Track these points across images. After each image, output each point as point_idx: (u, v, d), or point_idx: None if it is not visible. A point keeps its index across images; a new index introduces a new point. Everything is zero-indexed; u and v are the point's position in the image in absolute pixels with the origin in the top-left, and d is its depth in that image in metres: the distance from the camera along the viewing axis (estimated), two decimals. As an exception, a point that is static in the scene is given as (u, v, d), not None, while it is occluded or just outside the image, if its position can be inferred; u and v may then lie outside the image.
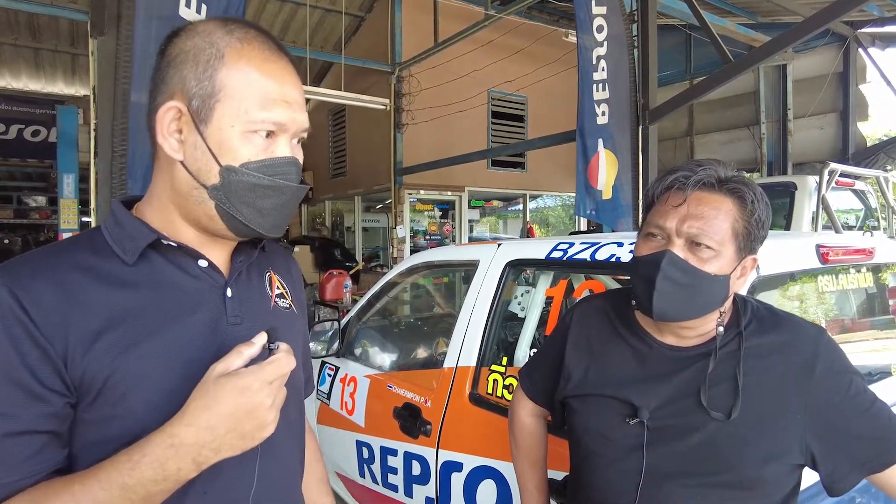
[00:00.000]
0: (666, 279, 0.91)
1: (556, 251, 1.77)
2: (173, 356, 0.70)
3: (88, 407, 0.67)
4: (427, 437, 1.91)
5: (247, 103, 0.70)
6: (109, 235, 0.73)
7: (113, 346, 0.67)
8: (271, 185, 0.72)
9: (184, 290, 0.74)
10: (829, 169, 4.59)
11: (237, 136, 0.70)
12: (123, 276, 0.70)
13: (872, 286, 1.95)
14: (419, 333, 3.20)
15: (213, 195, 0.71)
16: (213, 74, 0.70)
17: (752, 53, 4.27)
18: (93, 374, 0.65)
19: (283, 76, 0.73)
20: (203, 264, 0.76)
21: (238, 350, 0.67)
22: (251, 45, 0.72)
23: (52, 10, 6.02)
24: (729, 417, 0.91)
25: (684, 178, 0.93)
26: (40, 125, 7.91)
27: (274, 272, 0.89)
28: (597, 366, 1.06)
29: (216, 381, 0.65)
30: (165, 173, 0.74)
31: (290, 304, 0.89)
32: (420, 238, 8.70)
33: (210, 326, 0.74)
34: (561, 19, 9.13)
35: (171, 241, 0.73)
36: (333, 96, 6.44)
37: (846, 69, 7.17)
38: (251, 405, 0.65)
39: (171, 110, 0.71)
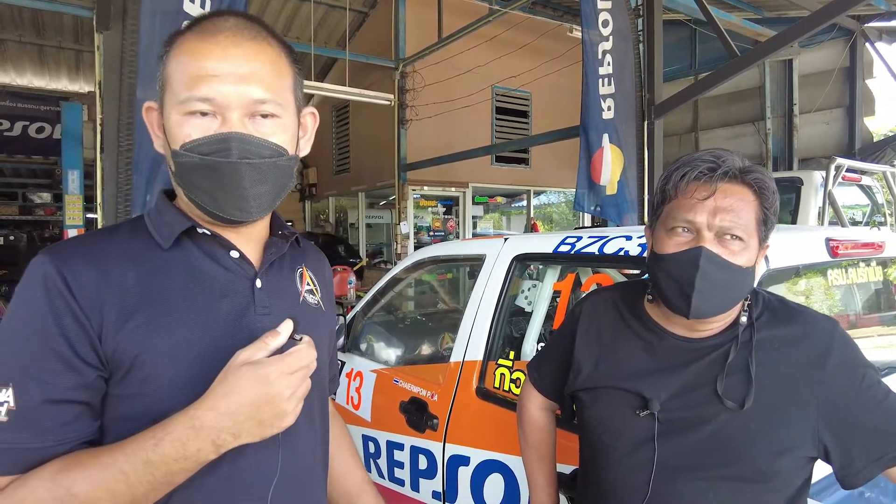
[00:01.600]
0: (706, 278, 0.88)
1: (563, 245, 1.76)
2: (200, 341, 0.72)
3: (119, 382, 0.70)
4: (434, 431, 1.91)
5: (177, 86, 0.71)
6: (151, 222, 0.77)
7: (143, 326, 0.70)
8: (204, 163, 0.70)
9: (215, 278, 0.76)
10: (836, 164, 4.57)
11: (175, 120, 0.71)
12: (158, 261, 0.74)
13: (881, 280, 1.95)
14: (425, 328, 3.20)
15: (176, 181, 0.75)
16: (164, 68, 0.74)
17: (758, 48, 4.24)
18: (123, 351, 0.68)
19: (212, 51, 0.70)
20: (235, 255, 0.78)
21: (264, 340, 0.69)
22: (193, 31, 0.73)
23: (56, 7, 6.02)
24: (742, 407, 0.91)
25: (709, 169, 0.91)
26: (45, 122, 7.92)
27: (306, 268, 0.90)
28: (607, 358, 1.06)
29: (238, 370, 0.67)
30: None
31: (319, 302, 0.90)
32: (424, 234, 8.69)
33: (238, 315, 0.76)
34: (565, 14, 9.10)
35: (205, 230, 0.76)
36: (338, 92, 6.43)
37: (853, 64, 7.13)
38: (270, 394, 0.66)
39: (150, 110, 0.76)
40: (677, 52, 8.19)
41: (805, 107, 7.43)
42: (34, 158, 8.40)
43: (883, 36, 7.20)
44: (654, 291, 1.01)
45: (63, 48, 8.86)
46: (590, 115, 4.09)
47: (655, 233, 0.98)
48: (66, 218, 5.29)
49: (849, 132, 7.18)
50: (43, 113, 7.81)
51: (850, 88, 7.17)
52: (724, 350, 0.95)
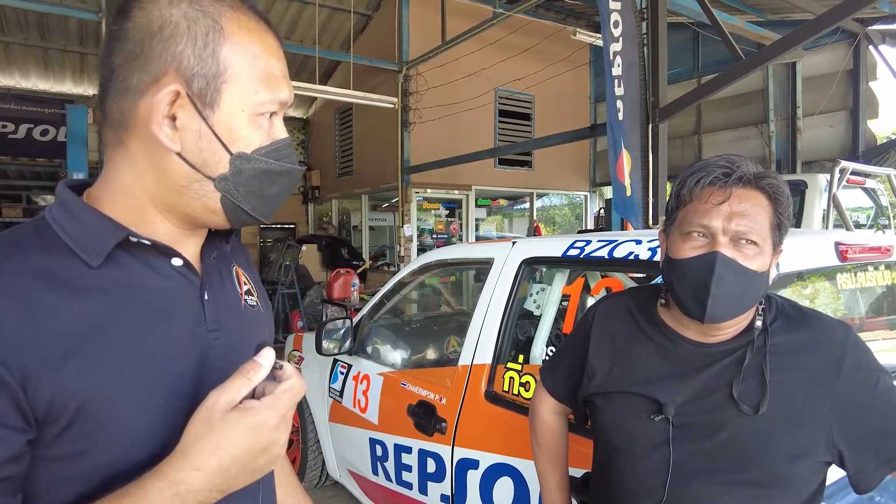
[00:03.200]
0: (721, 283, 0.89)
1: (572, 249, 1.77)
2: (155, 371, 0.61)
3: (57, 440, 0.56)
4: (442, 434, 1.91)
5: (255, 83, 0.63)
6: (63, 231, 0.61)
7: (86, 365, 0.57)
8: (281, 169, 0.66)
9: (158, 294, 0.64)
10: (840, 167, 4.56)
11: (247, 121, 0.63)
12: (89, 282, 0.59)
13: (889, 284, 1.95)
14: (433, 331, 3.21)
15: (220, 186, 0.64)
16: (217, 50, 0.61)
17: (762, 51, 4.24)
18: (63, 400, 0.55)
19: (278, 49, 0.67)
20: (177, 263, 0.66)
21: (246, 376, 0.58)
22: (245, 13, 0.64)
23: (61, 10, 6.06)
24: (757, 412, 0.91)
25: (724, 175, 0.91)
26: (49, 124, 7.93)
27: (238, 265, 0.81)
28: (621, 363, 1.06)
29: (225, 418, 0.56)
30: (144, 165, 0.63)
31: (257, 302, 0.81)
32: (427, 237, 8.70)
33: (189, 334, 0.66)
34: (568, 17, 9.12)
35: (142, 239, 0.63)
36: (342, 95, 6.44)
37: (856, 66, 7.12)
38: (267, 442, 0.58)
39: (170, 94, 0.60)
40: (680, 55, 8.18)
41: (808, 109, 7.42)
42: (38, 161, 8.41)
43: (886, 39, 7.19)
44: (669, 296, 1.01)
45: (68, 51, 8.89)
46: (611, 116, 4.10)
47: (670, 237, 0.99)
48: (71, 220, 5.30)
49: (852, 135, 7.17)
50: (47, 115, 7.82)
51: (854, 91, 7.16)
52: (738, 355, 0.96)
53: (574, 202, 12.68)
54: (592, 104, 10.16)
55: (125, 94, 0.61)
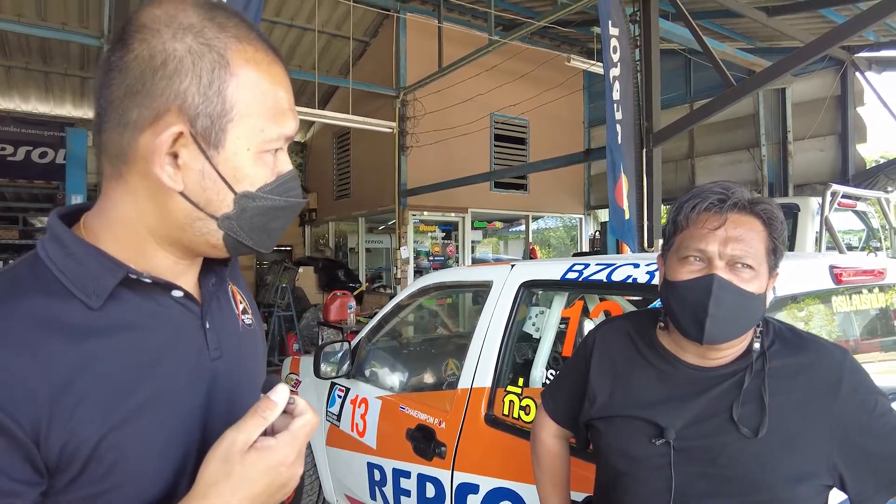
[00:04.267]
0: (718, 304, 0.91)
1: (571, 272, 1.79)
2: (164, 406, 0.61)
3: (70, 485, 0.55)
4: (441, 458, 1.90)
5: (261, 120, 0.60)
6: (58, 270, 0.58)
7: (97, 409, 0.56)
8: (285, 205, 0.64)
9: (161, 329, 0.63)
10: (832, 190, 4.64)
11: (252, 159, 0.61)
12: (91, 325, 0.58)
13: (882, 307, 1.97)
14: (432, 354, 3.20)
15: (223, 225, 0.62)
16: (223, 87, 0.58)
17: (753, 77, 4.34)
18: (75, 447, 0.54)
19: (286, 82, 0.64)
20: (177, 294, 0.65)
21: (261, 415, 0.58)
22: (251, 44, 0.61)
23: (63, 35, 6.15)
24: (756, 435, 0.92)
25: (720, 200, 0.94)
26: (48, 147, 7.98)
27: (233, 284, 0.79)
28: (621, 387, 1.07)
29: (244, 459, 0.56)
30: (145, 202, 0.61)
31: (253, 320, 0.80)
32: (423, 259, 8.72)
33: (193, 366, 0.65)
34: (562, 44, 9.30)
35: (143, 277, 0.61)
36: (341, 119, 6.52)
37: (844, 92, 7.27)
38: (286, 479, 0.59)
39: (173, 135, 0.58)
40: (673, 81, 8.34)
41: (799, 134, 7.55)
42: (36, 183, 8.43)
43: (872, 65, 7.37)
44: (668, 319, 1.03)
45: (69, 75, 8.98)
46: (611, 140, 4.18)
47: (668, 262, 1.01)
48: (68, 243, 5.29)
49: (842, 159, 7.28)
50: (46, 138, 7.87)
51: (843, 116, 7.30)
52: (737, 379, 0.97)
53: (568, 225, 12.76)
54: (586, 129, 10.30)
55: (124, 128, 0.59)
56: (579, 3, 5.49)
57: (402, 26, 8.03)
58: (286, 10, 8.05)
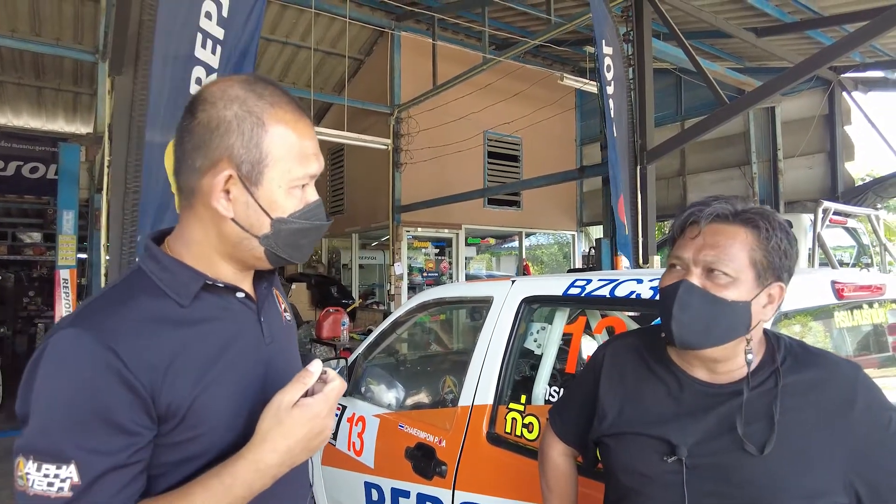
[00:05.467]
0: (682, 306, 0.94)
1: (573, 287, 1.78)
2: (235, 380, 0.83)
3: (172, 432, 0.77)
4: (442, 478, 1.87)
5: (289, 164, 0.81)
6: (159, 280, 0.81)
7: (190, 378, 0.78)
8: (311, 227, 0.85)
9: (230, 321, 0.85)
10: (823, 207, 4.69)
11: (284, 193, 0.82)
12: (184, 317, 0.80)
13: (879, 323, 1.97)
14: (429, 372, 3.16)
15: (263, 242, 0.83)
16: (259, 142, 0.79)
17: (745, 97, 4.40)
18: (177, 404, 0.76)
19: (310, 132, 0.84)
20: (241, 295, 0.87)
21: (302, 380, 0.79)
22: (282, 108, 0.81)
23: (58, 51, 6.13)
24: (762, 452, 0.91)
25: (699, 211, 0.98)
26: (39, 162, 7.92)
27: (276, 288, 1.01)
28: (631, 403, 1.06)
29: (290, 412, 0.77)
30: (209, 226, 0.83)
31: (291, 317, 1.04)
32: (417, 275, 8.69)
33: (254, 349, 0.87)
34: (555, 63, 9.42)
35: (217, 282, 0.84)
36: (336, 136, 6.53)
37: (831, 111, 7.40)
38: (320, 427, 0.80)
39: (225, 177, 0.79)
40: (664, 99, 8.46)
41: (789, 151, 7.66)
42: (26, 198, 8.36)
43: (859, 85, 7.52)
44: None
45: (62, 90, 8.96)
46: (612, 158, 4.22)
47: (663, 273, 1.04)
48: (58, 258, 5.22)
49: (831, 176, 7.39)
50: (38, 153, 7.81)
51: (831, 135, 7.42)
52: (749, 396, 0.96)
53: (561, 241, 12.80)
54: (579, 147, 10.40)
55: (192, 172, 0.81)
56: (572, 23, 5.57)
57: (396, 44, 8.10)
58: (281, 27, 8.11)
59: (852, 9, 5.89)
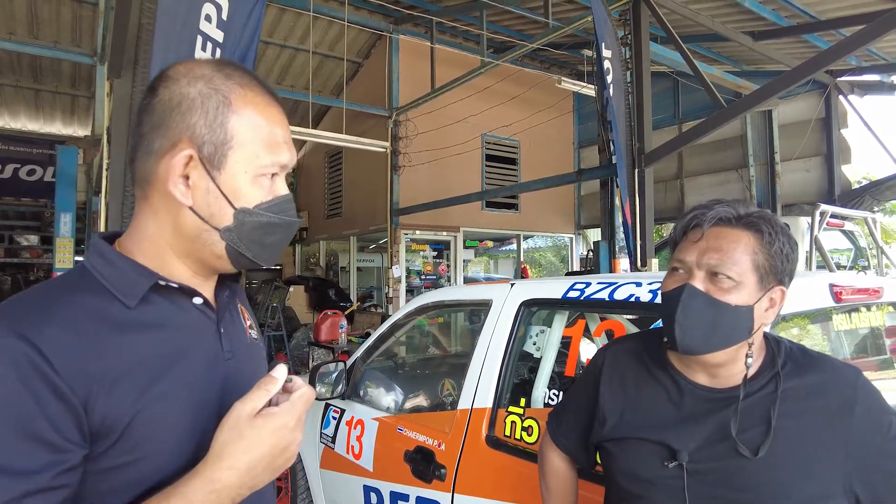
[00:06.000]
0: (686, 311, 0.93)
1: (572, 291, 1.78)
2: (184, 395, 0.71)
3: (103, 454, 0.65)
4: (441, 481, 1.86)
5: (257, 149, 0.73)
6: (103, 277, 0.71)
7: (132, 389, 0.66)
8: (280, 222, 0.76)
9: (184, 329, 0.75)
10: (821, 210, 4.71)
11: (249, 181, 0.73)
12: (129, 319, 0.69)
13: (876, 326, 1.98)
14: (430, 375, 3.16)
15: (225, 237, 0.74)
16: (224, 122, 0.71)
17: (742, 100, 4.42)
18: (114, 419, 0.64)
19: (282, 119, 0.77)
20: (198, 301, 0.77)
21: (265, 387, 0.69)
22: (252, 90, 0.74)
23: (56, 53, 6.13)
24: (756, 455, 0.91)
25: (701, 214, 0.97)
26: (36, 164, 7.92)
27: (240, 302, 0.91)
28: (632, 408, 1.06)
29: (251, 423, 0.66)
30: (164, 218, 0.74)
31: (258, 335, 0.93)
32: (415, 278, 8.69)
33: (210, 363, 0.76)
34: (553, 66, 9.44)
35: (171, 283, 0.74)
36: (334, 139, 6.54)
37: (828, 115, 7.43)
38: (287, 441, 0.69)
39: (185, 157, 0.71)
40: (660, 103, 8.47)
41: (786, 155, 7.68)
42: (23, 201, 8.35)
43: (855, 89, 7.55)
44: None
45: (59, 93, 8.94)
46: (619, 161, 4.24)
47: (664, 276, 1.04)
48: (55, 261, 5.21)
49: (828, 179, 7.41)
50: (35, 156, 7.82)
51: (827, 138, 7.45)
52: (749, 400, 0.96)
53: (558, 244, 12.82)
54: (576, 150, 10.42)
55: (149, 156, 0.73)
56: (570, 27, 5.59)
57: (394, 48, 8.12)
58: (279, 30, 8.12)
59: (849, 13, 5.92)
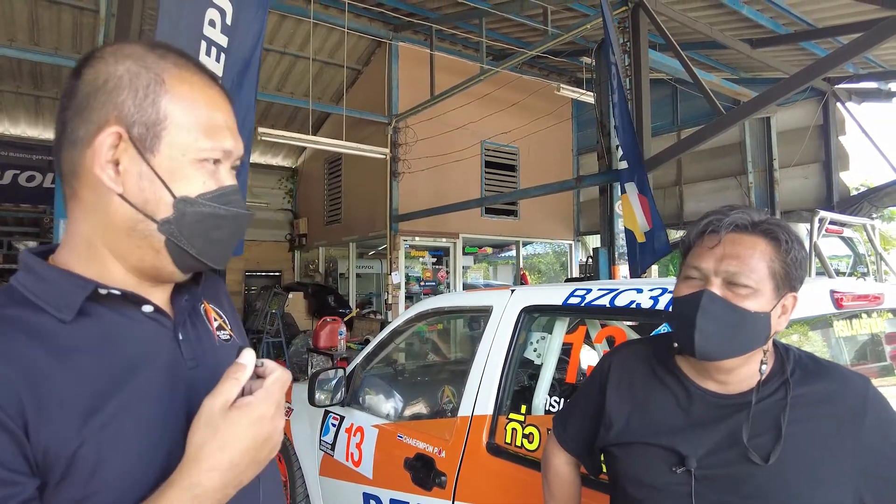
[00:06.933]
0: (706, 317, 0.92)
1: (573, 297, 1.77)
2: (141, 414, 0.63)
3: (55, 490, 0.57)
4: (442, 488, 1.85)
5: (195, 133, 0.66)
6: (31, 293, 0.63)
7: (73, 416, 0.58)
8: (227, 213, 0.69)
9: (135, 341, 0.67)
10: (820, 217, 4.71)
11: (189, 165, 0.66)
12: (65, 337, 0.62)
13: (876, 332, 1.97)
14: (430, 381, 3.15)
15: (163, 229, 0.66)
16: (157, 100, 0.65)
17: (741, 107, 4.44)
18: (57, 450, 0.56)
19: (224, 103, 0.71)
20: (148, 309, 0.69)
21: (233, 376, 0.62)
22: (189, 70, 0.68)
23: (56, 60, 6.14)
24: (767, 462, 0.90)
25: (717, 220, 0.96)
26: (36, 171, 7.93)
27: (207, 302, 0.83)
28: (639, 413, 1.05)
29: (227, 417, 0.60)
30: (94, 212, 0.66)
31: (230, 335, 0.84)
32: (414, 284, 8.68)
33: (170, 374, 0.68)
34: (552, 73, 9.48)
35: (112, 290, 0.65)
36: (334, 146, 6.55)
37: (826, 122, 7.46)
38: (268, 431, 0.63)
39: (111, 136, 0.63)
40: (659, 110, 8.50)
41: (784, 162, 7.70)
42: (22, 207, 8.34)
43: (853, 96, 7.58)
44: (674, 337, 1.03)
45: (59, 99, 8.94)
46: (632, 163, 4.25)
47: (677, 282, 1.03)
48: (54, 267, 5.20)
49: (826, 186, 7.43)
50: (35, 162, 7.83)
51: (825, 145, 7.47)
52: (758, 407, 0.95)
53: (558, 250, 12.82)
54: (575, 156, 10.44)
55: (74, 145, 0.65)
56: (569, 34, 5.61)
57: (394, 55, 8.14)
58: (279, 37, 8.14)
59: (846, 21, 5.96)
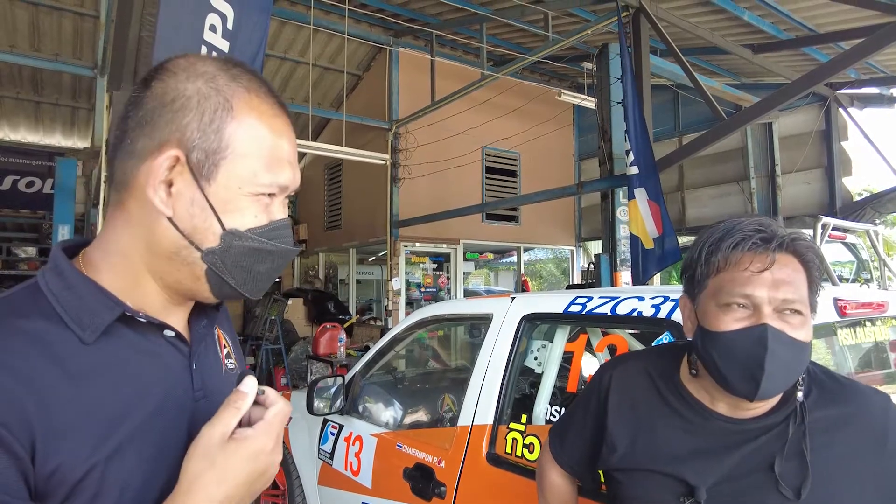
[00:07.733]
0: (774, 360, 0.82)
1: (574, 305, 1.75)
2: (147, 444, 0.62)
3: None
4: (441, 498, 1.82)
5: (256, 164, 0.64)
6: (58, 302, 0.61)
7: (88, 440, 0.57)
8: (273, 249, 0.67)
9: (151, 366, 0.65)
10: (823, 223, 4.69)
11: (243, 199, 0.64)
12: (84, 358, 0.60)
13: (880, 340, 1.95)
14: (430, 390, 3.12)
15: (206, 259, 0.64)
16: (221, 127, 0.62)
17: (743, 112, 4.42)
18: (62, 477, 0.55)
19: (289, 134, 0.68)
20: (169, 334, 0.67)
21: (234, 405, 0.61)
22: (259, 96, 0.65)
23: (56, 66, 6.15)
24: (799, 497, 0.84)
25: (763, 240, 0.85)
26: (35, 176, 7.92)
27: (219, 326, 0.81)
28: (644, 437, 0.99)
29: (224, 450, 0.59)
30: (139, 230, 0.64)
31: (235, 364, 0.82)
32: (415, 290, 8.65)
33: (178, 404, 0.67)
34: (552, 79, 9.49)
35: (138, 316, 0.64)
36: (334, 151, 6.54)
37: (828, 127, 7.45)
38: (265, 465, 0.62)
39: (170, 159, 0.62)
40: (661, 115, 8.50)
41: (786, 167, 7.69)
42: (22, 212, 8.34)
43: (854, 101, 7.58)
44: (707, 370, 0.92)
45: (60, 105, 8.97)
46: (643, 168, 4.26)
47: (702, 307, 0.91)
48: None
49: (829, 191, 7.41)
50: (34, 167, 7.82)
51: (828, 150, 7.46)
52: (777, 432, 0.89)
53: (559, 256, 12.80)
54: (577, 162, 10.43)
55: (130, 156, 0.63)
56: (570, 40, 5.61)
57: (394, 60, 8.15)
58: (280, 43, 8.16)
59: (848, 26, 5.96)
